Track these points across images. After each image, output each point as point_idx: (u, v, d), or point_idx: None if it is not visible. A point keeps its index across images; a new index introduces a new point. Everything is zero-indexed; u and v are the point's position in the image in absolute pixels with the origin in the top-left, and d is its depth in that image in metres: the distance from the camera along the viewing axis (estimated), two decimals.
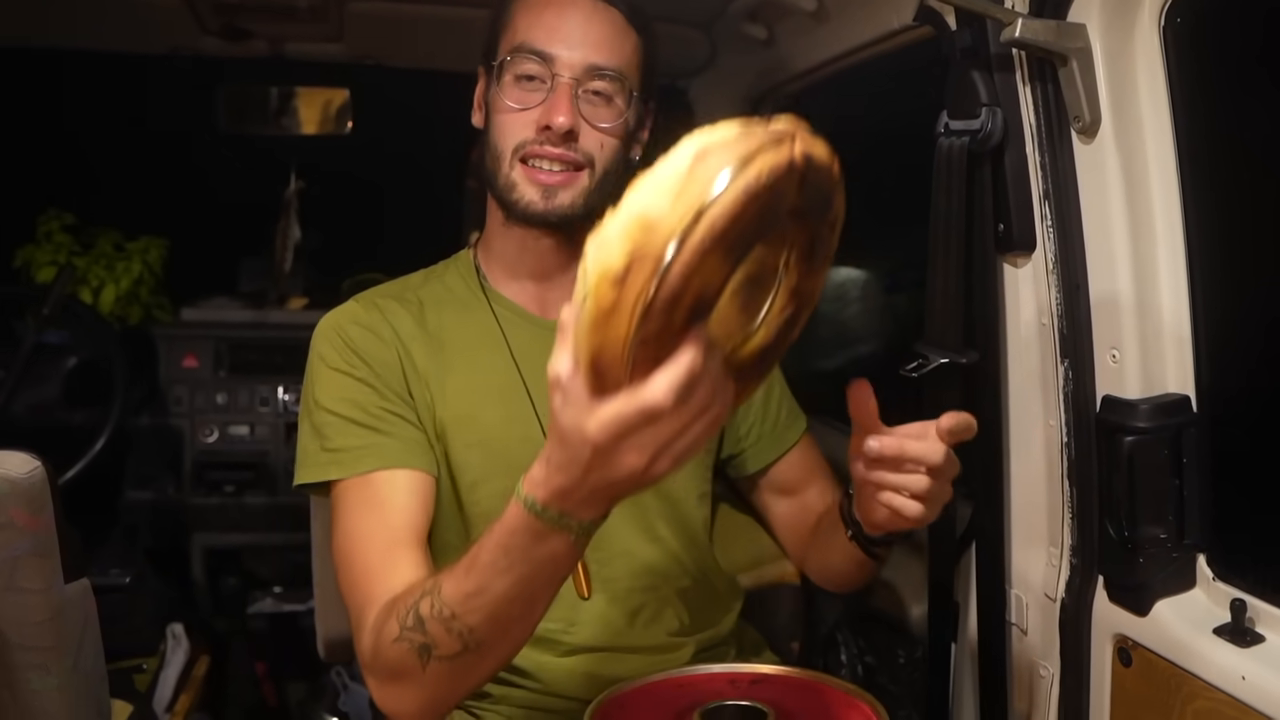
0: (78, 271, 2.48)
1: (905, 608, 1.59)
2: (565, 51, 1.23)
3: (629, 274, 0.74)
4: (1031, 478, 1.28)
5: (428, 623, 1.01)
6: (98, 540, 2.38)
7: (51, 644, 1.21)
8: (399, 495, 1.21)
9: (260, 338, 2.66)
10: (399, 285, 1.37)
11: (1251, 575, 1.12)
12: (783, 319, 0.89)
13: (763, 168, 0.75)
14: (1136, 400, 1.14)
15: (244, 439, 2.58)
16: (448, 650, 1.01)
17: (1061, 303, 1.18)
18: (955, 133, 1.21)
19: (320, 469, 1.24)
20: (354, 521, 1.20)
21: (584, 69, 1.24)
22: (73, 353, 2.35)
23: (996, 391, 1.29)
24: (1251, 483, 1.19)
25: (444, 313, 1.33)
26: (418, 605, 1.02)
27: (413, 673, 1.03)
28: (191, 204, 2.96)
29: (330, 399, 1.25)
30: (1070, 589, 1.23)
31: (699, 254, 0.73)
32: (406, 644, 1.02)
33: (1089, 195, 1.16)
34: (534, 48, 1.24)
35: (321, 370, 1.27)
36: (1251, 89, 1.18)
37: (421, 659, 1.02)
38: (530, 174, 1.25)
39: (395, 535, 1.18)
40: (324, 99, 2.60)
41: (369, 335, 1.28)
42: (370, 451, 1.23)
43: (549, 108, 1.23)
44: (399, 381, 1.27)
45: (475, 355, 1.31)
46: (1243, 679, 1.02)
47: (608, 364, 0.78)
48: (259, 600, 2.69)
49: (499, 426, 1.29)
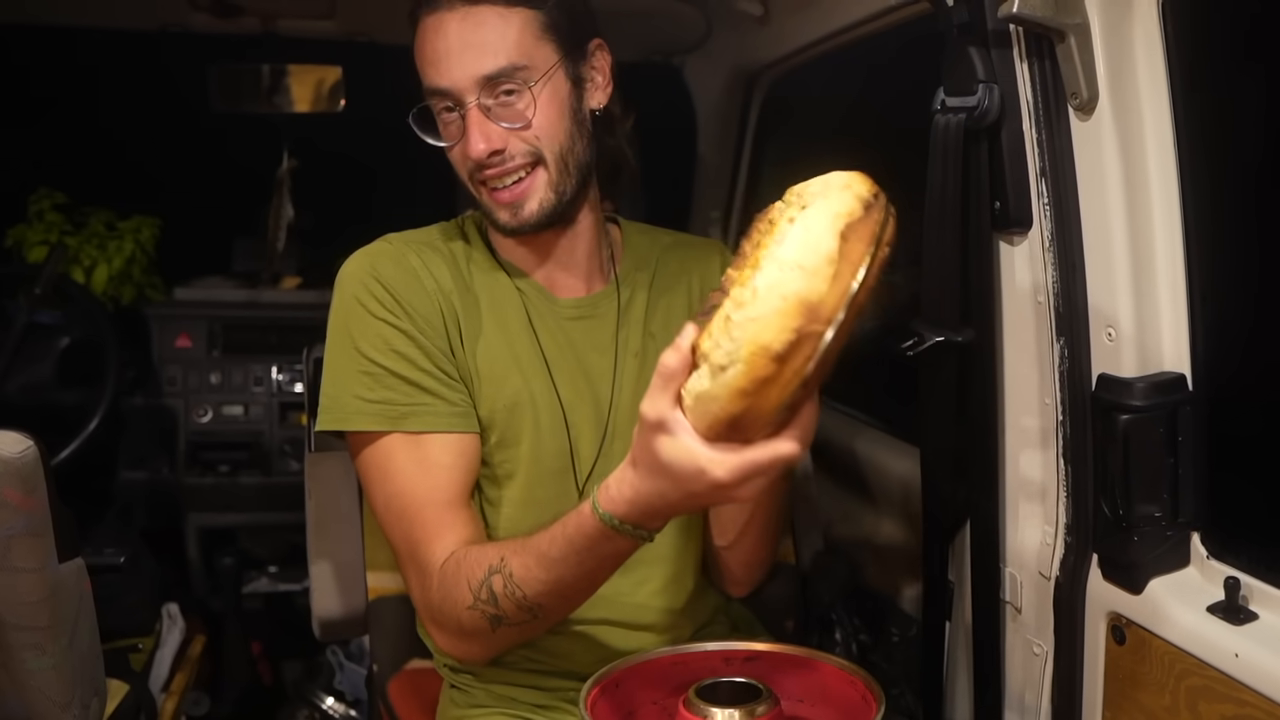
0: (69, 251, 2.47)
1: (899, 586, 1.60)
2: (456, 78, 1.21)
3: (791, 352, 0.85)
4: (1027, 456, 1.28)
5: (501, 599, 1.14)
6: (92, 520, 2.38)
7: (46, 623, 1.21)
8: (449, 456, 1.25)
9: (254, 317, 2.65)
10: (425, 234, 1.36)
11: (1245, 553, 1.12)
12: None
13: (888, 239, 0.87)
14: (1132, 378, 1.14)
15: (238, 419, 2.58)
16: (517, 620, 1.16)
17: (1058, 280, 1.18)
18: (952, 110, 1.20)
19: (365, 419, 1.24)
20: (406, 479, 1.24)
21: (477, 85, 1.21)
22: (65, 333, 2.34)
23: (992, 369, 1.29)
24: (1246, 461, 1.19)
25: (473, 269, 1.33)
26: (490, 582, 1.15)
27: (483, 634, 1.18)
28: (184, 183, 2.94)
29: (374, 348, 1.24)
30: (1065, 567, 1.23)
31: (848, 330, 0.85)
32: (480, 613, 1.16)
33: (1086, 172, 1.15)
34: (431, 86, 1.24)
35: (361, 315, 1.25)
36: (1251, 65, 1.17)
37: (493, 626, 1.17)
38: (492, 196, 1.26)
39: (449, 497, 1.24)
40: (316, 77, 2.58)
41: (412, 284, 1.27)
42: (420, 411, 1.24)
43: (465, 142, 1.23)
44: (442, 337, 1.27)
45: (503, 318, 1.31)
46: (1236, 656, 1.03)
47: (750, 422, 0.89)
48: (254, 580, 2.70)
49: (523, 393, 1.29)
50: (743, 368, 0.86)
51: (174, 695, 2.03)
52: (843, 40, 1.79)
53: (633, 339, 1.36)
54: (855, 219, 0.86)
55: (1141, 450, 1.13)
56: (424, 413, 1.24)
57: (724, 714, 1.04)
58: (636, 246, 1.43)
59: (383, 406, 1.23)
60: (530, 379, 1.30)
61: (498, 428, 1.28)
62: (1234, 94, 1.15)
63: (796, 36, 1.90)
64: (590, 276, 1.37)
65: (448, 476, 1.24)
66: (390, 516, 1.25)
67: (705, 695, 1.07)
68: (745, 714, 1.04)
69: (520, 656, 1.30)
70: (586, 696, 1.10)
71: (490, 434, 1.28)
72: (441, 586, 1.19)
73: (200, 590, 2.63)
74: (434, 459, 1.24)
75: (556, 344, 1.32)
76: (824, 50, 1.87)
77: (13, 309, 2.29)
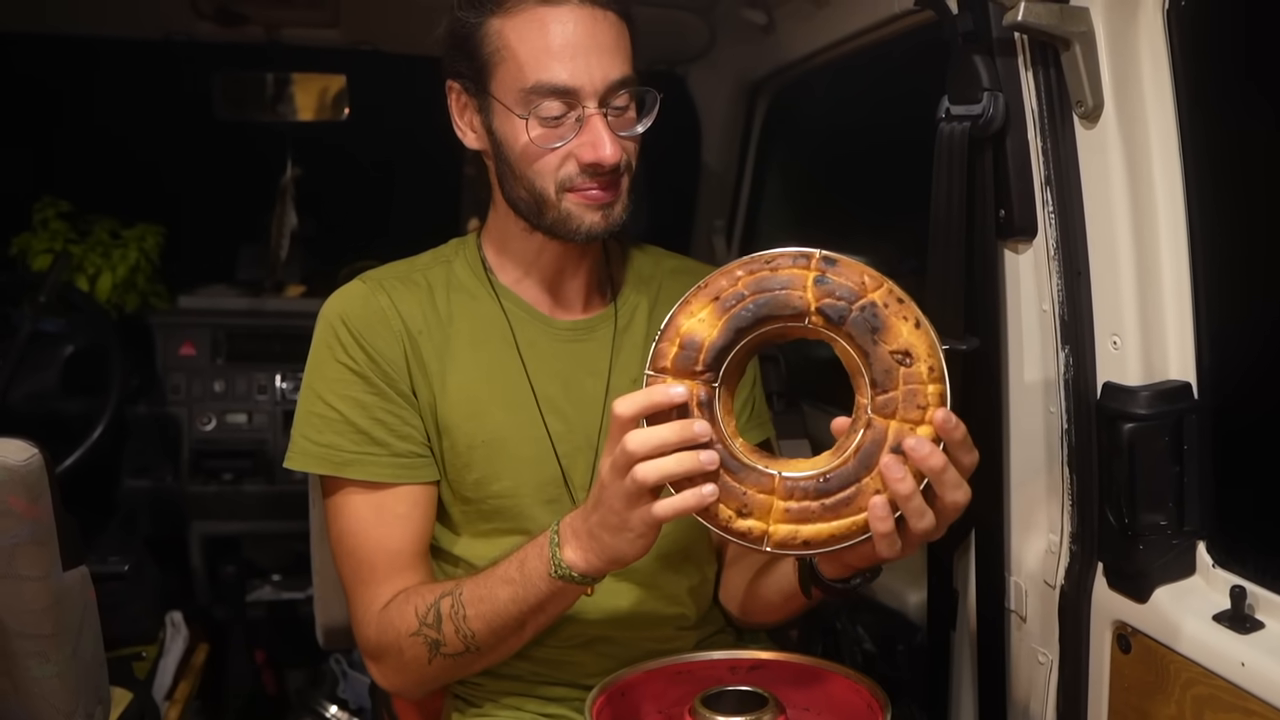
0: (74, 259, 2.47)
1: (904, 595, 1.59)
2: (586, 80, 1.16)
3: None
4: (1032, 465, 1.28)
5: (444, 622, 1.17)
6: (96, 529, 2.38)
7: (51, 631, 1.21)
8: (404, 506, 1.26)
9: (258, 326, 2.65)
10: (406, 266, 1.36)
11: (1252, 562, 1.11)
12: None
13: None
14: (1137, 387, 1.14)
15: (242, 427, 2.58)
16: (453, 649, 1.17)
17: (1063, 289, 1.18)
18: (956, 118, 1.20)
19: (314, 461, 1.26)
20: (359, 522, 1.25)
21: (606, 89, 1.18)
22: (70, 341, 2.33)
23: (997, 378, 1.28)
24: (1252, 469, 1.19)
25: (452, 299, 1.32)
26: (439, 604, 1.18)
27: (419, 665, 1.20)
28: (188, 191, 2.95)
29: (330, 391, 1.26)
30: (1070, 576, 1.23)
31: None
32: (422, 639, 1.18)
33: (1091, 181, 1.15)
34: (553, 85, 1.16)
35: (324, 357, 1.27)
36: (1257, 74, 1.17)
37: (430, 654, 1.19)
38: (583, 198, 1.21)
39: (400, 546, 1.25)
40: (321, 85, 2.59)
41: (376, 326, 1.26)
42: (365, 461, 1.24)
43: (592, 145, 1.17)
44: (404, 378, 1.26)
45: (482, 348, 1.30)
46: (1242, 665, 1.02)
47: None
48: (258, 588, 2.70)
49: (505, 426, 1.28)
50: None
51: (178, 704, 2.02)
52: (847, 49, 1.79)
53: (630, 364, 1.34)
54: None
55: (1147, 459, 1.13)
56: (368, 462, 1.24)
57: None
58: (639, 267, 1.42)
59: (328, 450, 1.25)
60: (514, 411, 1.28)
61: (477, 465, 1.27)
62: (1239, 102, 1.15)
63: (800, 45, 1.90)
64: (590, 298, 1.36)
65: (401, 527, 1.26)
66: (340, 552, 1.28)
67: (711, 704, 1.07)
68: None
69: (525, 667, 1.30)
70: (592, 705, 1.09)
71: (470, 471, 1.27)
72: (382, 621, 1.22)
73: (204, 598, 2.62)
74: (389, 507, 1.25)
75: (547, 369, 1.30)
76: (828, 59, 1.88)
77: (17, 317, 2.29)
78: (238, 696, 2.58)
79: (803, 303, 0.96)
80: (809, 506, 0.95)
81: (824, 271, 0.96)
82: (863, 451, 0.95)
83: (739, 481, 0.96)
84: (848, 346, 0.96)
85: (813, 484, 0.95)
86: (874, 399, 0.95)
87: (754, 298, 0.96)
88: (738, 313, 0.96)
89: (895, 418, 0.94)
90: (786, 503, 0.96)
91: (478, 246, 1.36)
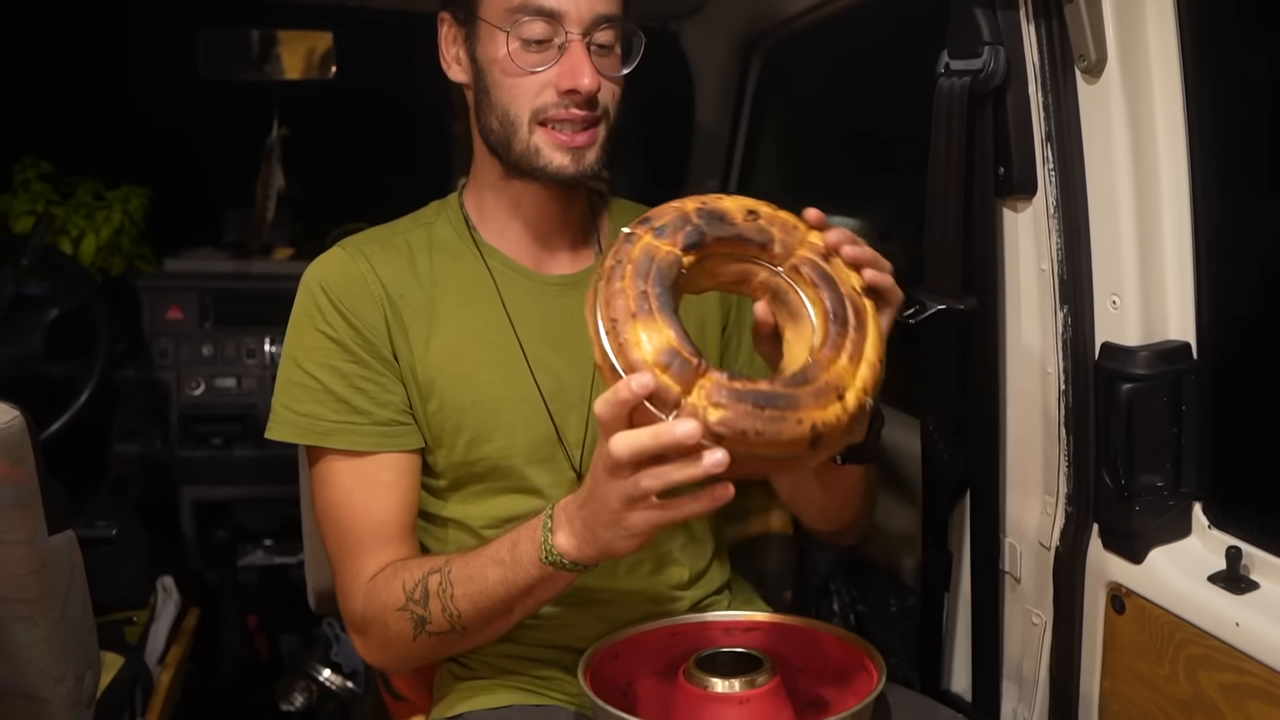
0: (56, 221, 2.43)
1: (898, 557, 1.59)
2: (572, 6, 1.16)
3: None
4: (1028, 426, 1.27)
5: (431, 599, 1.14)
6: (85, 494, 2.36)
7: (37, 596, 1.20)
8: (389, 474, 1.24)
9: (246, 288, 2.62)
10: (386, 230, 1.34)
11: (1248, 523, 1.11)
12: None
13: None
14: (1136, 347, 1.13)
15: (231, 391, 2.56)
16: (438, 627, 1.15)
17: (1062, 248, 1.17)
18: (956, 73, 1.18)
19: (295, 431, 1.25)
20: (343, 492, 1.24)
21: (591, 21, 1.18)
22: (54, 304, 2.30)
23: (995, 338, 1.27)
24: (1249, 430, 1.18)
25: (435, 260, 1.30)
26: (427, 580, 1.16)
27: (404, 641, 1.18)
28: (173, 153, 2.90)
29: (310, 360, 1.24)
30: (1065, 537, 1.23)
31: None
32: (408, 614, 1.16)
33: (1092, 137, 1.13)
34: (540, 6, 1.16)
35: (304, 325, 1.26)
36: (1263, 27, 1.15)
37: (416, 631, 1.16)
38: (553, 137, 1.20)
39: (384, 515, 1.24)
40: (307, 43, 2.53)
41: (355, 292, 1.25)
42: (346, 430, 1.23)
43: (571, 71, 1.17)
44: (385, 343, 1.25)
45: (468, 308, 1.28)
46: (1236, 625, 1.02)
47: None
48: (249, 553, 2.69)
49: (495, 386, 1.27)
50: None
51: (170, 668, 2.02)
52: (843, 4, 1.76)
53: None
54: None
55: (1145, 420, 1.13)
56: (350, 431, 1.23)
57: (724, 684, 1.03)
58: (623, 220, 1.40)
59: (309, 420, 1.23)
60: (504, 370, 1.27)
61: (468, 426, 1.26)
62: (1245, 56, 1.13)
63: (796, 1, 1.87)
64: (576, 251, 1.34)
65: (386, 495, 1.24)
66: (326, 523, 1.26)
67: (705, 665, 1.06)
68: (745, 684, 1.03)
69: (520, 629, 1.29)
70: (585, 668, 1.09)
71: (461, 433, 1.26)
72: (369, 594, 1.20)
73: (195, 563, 2.62)
74: (372, 475, 1.24)
75: (536, 327, 1.29)
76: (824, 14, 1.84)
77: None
78: (230, 660, 2.59)
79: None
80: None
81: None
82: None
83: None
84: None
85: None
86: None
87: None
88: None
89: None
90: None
91: (460, 205, 1.34)
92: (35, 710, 1.24)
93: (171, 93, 2.74)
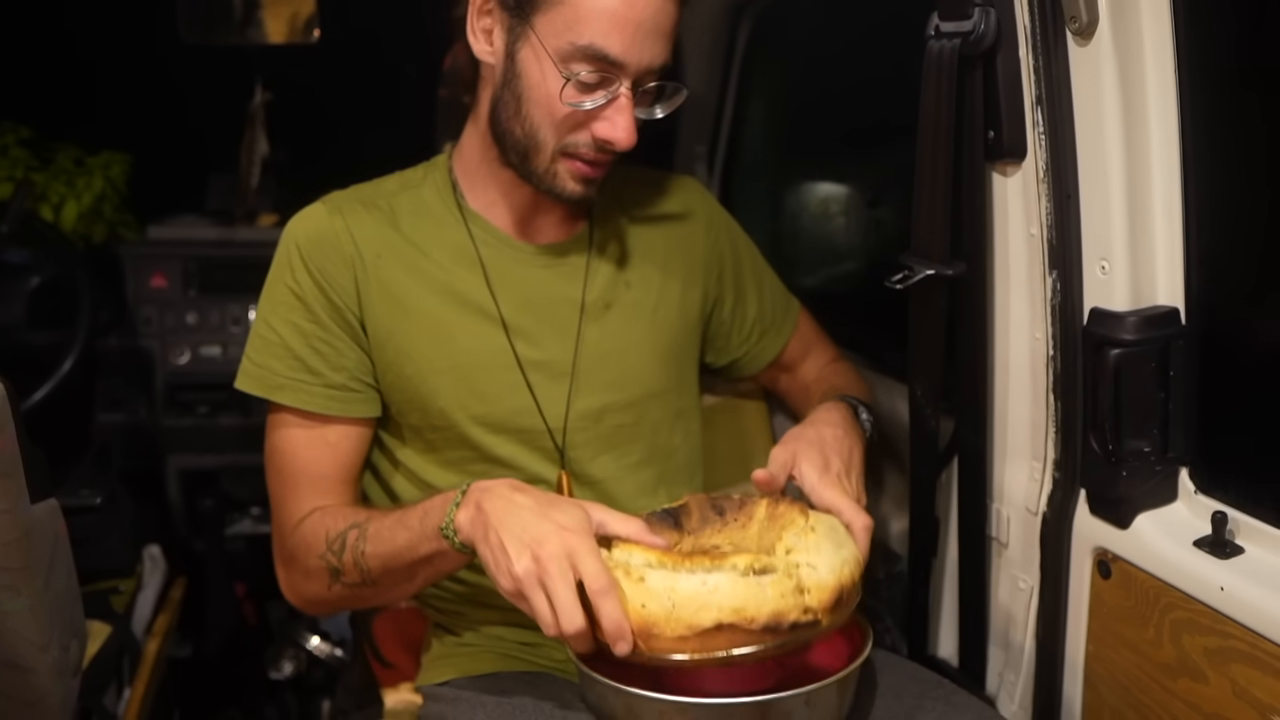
0: (37, 188, 2.39)
1: (885, 523, 1.60)
2: (635, 60, 1.15)
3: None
4: (1016, 391, 1.27)
5: (346, 552, 1.17)
6: (69, 463, 2.35)
7: (20, 565, 1.19)
8: (335, 435, 1.26)
9: (230, 256, 2.59)
10: (372, 188, 1.33)
11: (1234, 489, 1.11)
12: None
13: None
14: (1124, 312, 1.12)
15: (216, 360, 2.54)
16: (351, 579, 1.19)
17: (1051, 212, 1.16)
18: (946, 35, 1.16)
19: (250, 381, 1.27)
20: (290, 442, 1.27)
21: (646, 72, 1.18)
22: (35, 272, 2.27)
23: (983, 303, 1.27)
24: (1237, 396, 1.18)
25: (417, 225, 1.29)
26: (346, 534, 1.18)
27: (321, 587, 1.22)
28: (155, 118, 2.86)
29: (274, 314, 1.25)
30: (1052, 503, 1.23)
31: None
32: (324, 564, 1.20)
33: (1083, 100, 1.12)
34: (607, 55, 1.13)
35: (276, 279, 1.27)
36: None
37: (330, 579, 1.21)
38: (575, 168, 1.21)
39: (325, 472, 1.27)
40: (291, 7, 2.49)
41: (326, 250, 1.25)
42: (296, 387, 1.24)
43: (613, 124, 1.17)
44: (352, 304, 1.25)
45: (449, 273, 1.27)
46: (1221, 590, 1.03)
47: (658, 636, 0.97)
48: (237, 521, 2.68)
49: (471, 353, 1.26)
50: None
51: (157, 637, 2.02)
52: None
53: (604, 288, 1.33)
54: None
55: (1132, 385, 1.12)
56: (299, 389, 1.24)
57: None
58: (608, 184, 1.38)
59: (263, 372, 1.25)
60: (482, 338, 1.27)
61: (444, 392, 1.26)
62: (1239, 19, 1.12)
63: None
64: (564, 220, 1.33)
65: (330, 454, 1.26)
66: (270, 467, 1.30)
67: None
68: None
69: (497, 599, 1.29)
70: None
71: (436, 398, 1.26)
72: (296, 535, 1.25)
73: (182, 532, 2.61)
74: (319, 434, 1.26)
75: (517, 297, 1.28)
76: None
77: None
78: (218, 628, 2.59)
79: None
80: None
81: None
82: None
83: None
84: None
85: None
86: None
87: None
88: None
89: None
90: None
91: (449, 169, 1.32)
92: (21, 679, 1.24)
93: (153, 57, 2.69)
